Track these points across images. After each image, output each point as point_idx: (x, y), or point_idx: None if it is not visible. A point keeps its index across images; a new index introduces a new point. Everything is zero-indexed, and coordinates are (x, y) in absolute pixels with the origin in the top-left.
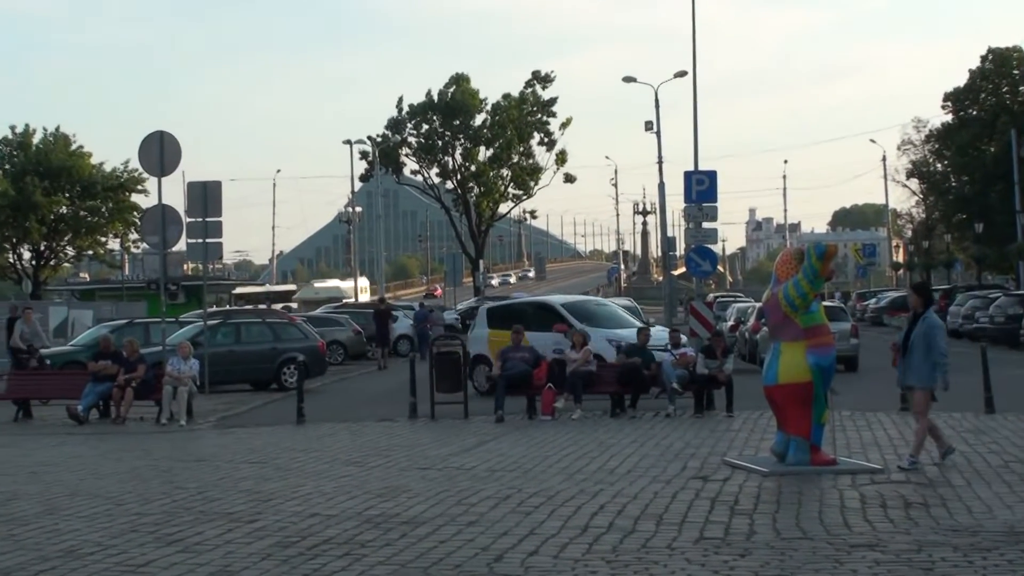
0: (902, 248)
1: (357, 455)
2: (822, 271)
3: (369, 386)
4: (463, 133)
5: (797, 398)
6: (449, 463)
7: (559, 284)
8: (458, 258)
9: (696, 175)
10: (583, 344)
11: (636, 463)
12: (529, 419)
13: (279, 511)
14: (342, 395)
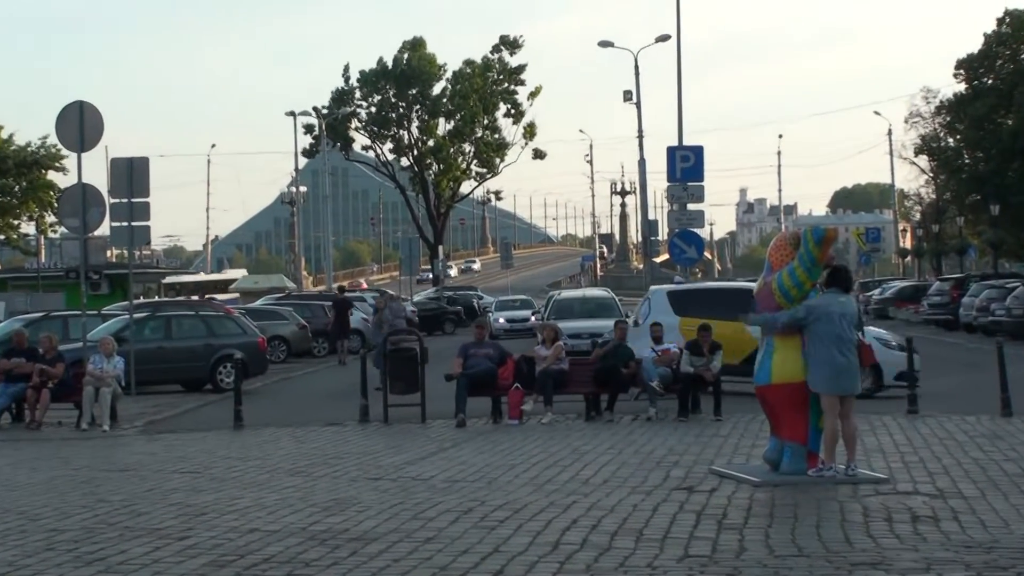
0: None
1: (301, 463)
2: (820, 258)
3: (315, 386)
4: (420, 104)
5: (792, 400)
6: (404, 472)
7: (525, 273)
8: (415, 243)
9: (680, 151)
10: (554, 339)
11: (613, 472)
12: (494, 423)
13: (214, 526)
14: (285, 396)
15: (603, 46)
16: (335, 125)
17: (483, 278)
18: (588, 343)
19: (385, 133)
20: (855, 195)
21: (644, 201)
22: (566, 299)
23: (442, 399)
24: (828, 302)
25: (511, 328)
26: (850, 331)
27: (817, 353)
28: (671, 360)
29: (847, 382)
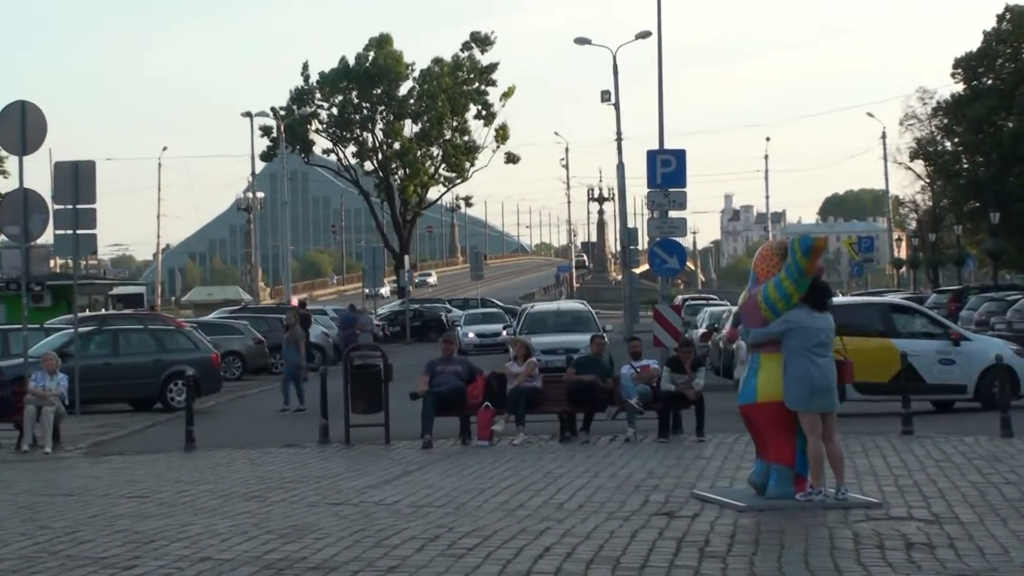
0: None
1: (257, 488)
2: (809, 268)
3: (272, 405)
4: (385, 104)
5: (779, 419)
6: (367, 497)
7: (496, 285)
8: (379, 252)
9: (662, 155)
10: (526, 355)
11: (589, 496)
12: (462, 444)
13: (162, 555)
14: (240, 416)
15: (580, 43)
16: (294, 127)
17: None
18: (563, 359)
19: (348, 135)
20: (847, 202)
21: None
22: (540, 312)
23: (407, 419)
24: (803, 315)
25: (481, 343)
26: (827, 346)
27: (792, 369)
28: (651, 377)
29: (824, 399)
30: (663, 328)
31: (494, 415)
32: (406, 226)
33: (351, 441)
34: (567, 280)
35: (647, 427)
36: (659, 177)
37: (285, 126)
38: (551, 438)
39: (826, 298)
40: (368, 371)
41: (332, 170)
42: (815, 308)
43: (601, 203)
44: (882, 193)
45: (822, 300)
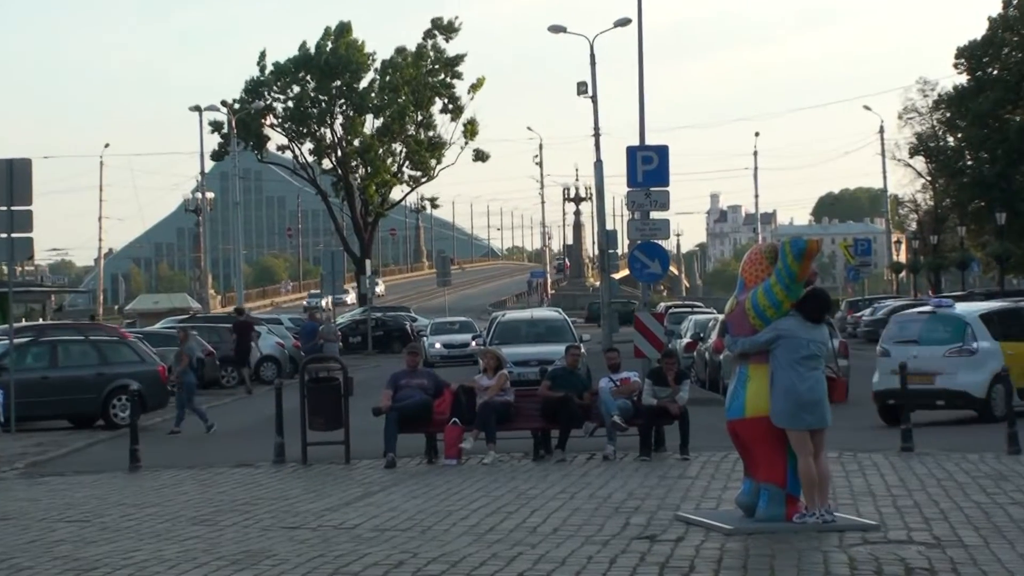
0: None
1: (207, 511)
2: (800, 273)
3: (224, 422)
4: (345, 98)
5: (769, 436)
6: (325, 520)
7: (465, 291)
8: (338, 257)
9: (642, 151)
10: (497, 367)
11: (565, 519)
12: (428, 463)
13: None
14: (189, 433)
15: (554, 31)
16: (247, 121)
17: (417, 297)
18: (537, 371)
19: (304, 131)
20: (842, 202)
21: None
22: (512, 321)
23: (369, 436)
24: (795, 324)
25: (449, 355)
26: (818, 359)
27: (779, 382)
28: (631, 391)
29: (812, 415)
30: (644, 338)
31: (462, 432)
32: (367, 228)
33: (308, 460)
34: (541, 286)
35: (627, 444)
36: (640, 175)
37: (237, 121)
38: (524, 456)
39: (822, 309)
40: (327, 385)
41: (288, 168)
42: (809, 319)
43: (577, 203)
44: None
45: (818, 312)
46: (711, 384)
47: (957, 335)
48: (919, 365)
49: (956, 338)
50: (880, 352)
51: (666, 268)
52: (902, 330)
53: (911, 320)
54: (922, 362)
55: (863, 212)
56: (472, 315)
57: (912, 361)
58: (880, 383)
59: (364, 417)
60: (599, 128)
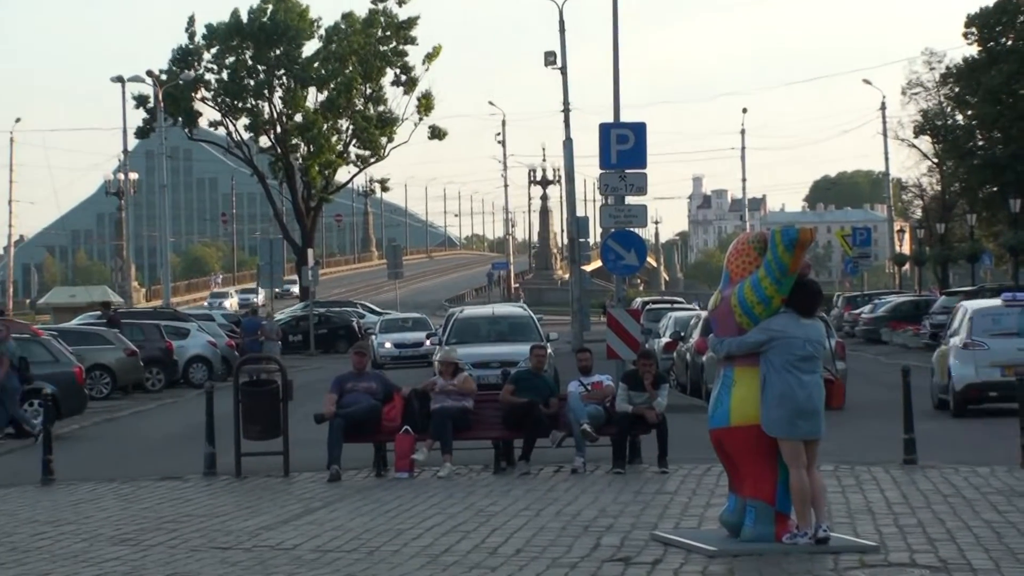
0: (908, 234)
1: (129, 529)
2: (792, 265)
3: (149, 429)
4: (285, 68)
5: (757, 447)
6: (261, 540)
7: (418, 285)
8: (277, 246)
9: (617, 129)
10: (454, 371)
11: (529, 539)
12: (377, 477)
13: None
14: (109, 442)
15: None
16: (176, 94)
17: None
18: (498, 374)
19: (240, 105)
20: (839, 186)
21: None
22: (471, 318)
23: (311, 446)
24: (788, 323)
25: (400, 355)
26: (814, 361)
27: (773, 387)
28: (604, 396)
29: (809, 424)
30: (618, 337)
31: (415, 441)
32: (310, 214)
33: (243, 473)
34: (504, 280)
35: (599, 456)
36: (614, 156)
37: (164, 93)
38: (484, 469)
39: (814, 301)
40: (263, 388)
41: (221, 147)
42: (801, 313)
43: (545, 187)
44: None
45: (809, 304)
46: (692, 389)
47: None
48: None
49: None
50: (965, 344)
51: (643, 259)
52: (996, 323)
53: (1002, 313)
54: None
55: (862, 198)
56: (426, 311)
57: (1017, 354)
58: (973, 376)
59: (305, 425)
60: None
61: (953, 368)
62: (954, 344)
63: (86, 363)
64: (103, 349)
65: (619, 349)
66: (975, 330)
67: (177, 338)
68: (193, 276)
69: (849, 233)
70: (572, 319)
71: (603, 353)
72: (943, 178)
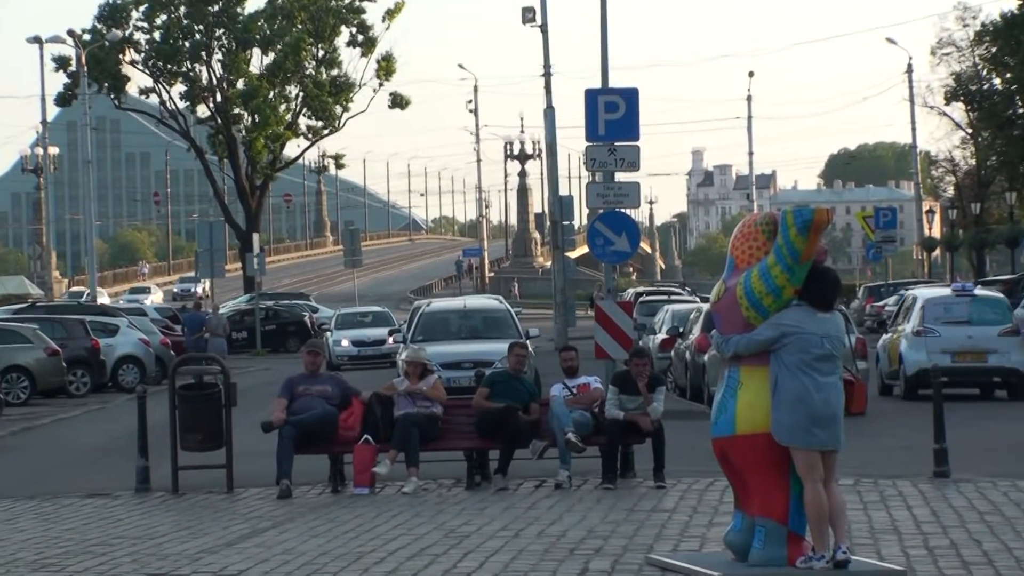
0: (938, 214)
1: (51, 553)
2: (806, 251)
3: (73, 439)
4: (224, 27)
5: (767, 458)
6: (202, 565)
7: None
8: (218, 229)
9: (605, 95)
10: (421, 373)
11: (507, 564)
12: (333, 493)
13: None
14: (28, 454)
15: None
16: (100, 57)
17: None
18: (471, 376)
19: (174, 70)
20: (860, 161)
21: (553, 169)
22: (439, 312)
23: (258, 458)
24: (802, 317)
25: (359, 354)
26: (832, 360)
27: (787, 390)
28: (592, 401)
29: (826, 432)
30: (607, 333)
31: (376, 452)
32: (255, 194)
33: (180, 489)
34: (476, 268)
35: (586, 468)
36: (602, 126)
37: (88, 56)
38: (455, 484)
39: (832, 292)
40: (203, 393)
41: (154, 117)
42: (816, 306)
43: (523, 162)
44: (907, 148)
45: (826, 295)
46: (693, 392)
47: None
48: (973, 344)
49: (1005, 319)
50: (916, 332)
51: (635, 245)
52: (946, 311)
53: (952, 302)
54: (977, 341)
55: (886, 174)
56: (389, 304)
57: (966, 341)
58: (925, 361)
59: (251, 434)
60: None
61: (905, 354)
62: (906, 331)
63: (1, 364)
64: (20, 348)
65: (609, 347)
66: (926, 318)
67: (105, 335)
68: (122, 264)
69: (871, 214)
70: (555, 313)
71: (591, 352)
72: (978, 151)
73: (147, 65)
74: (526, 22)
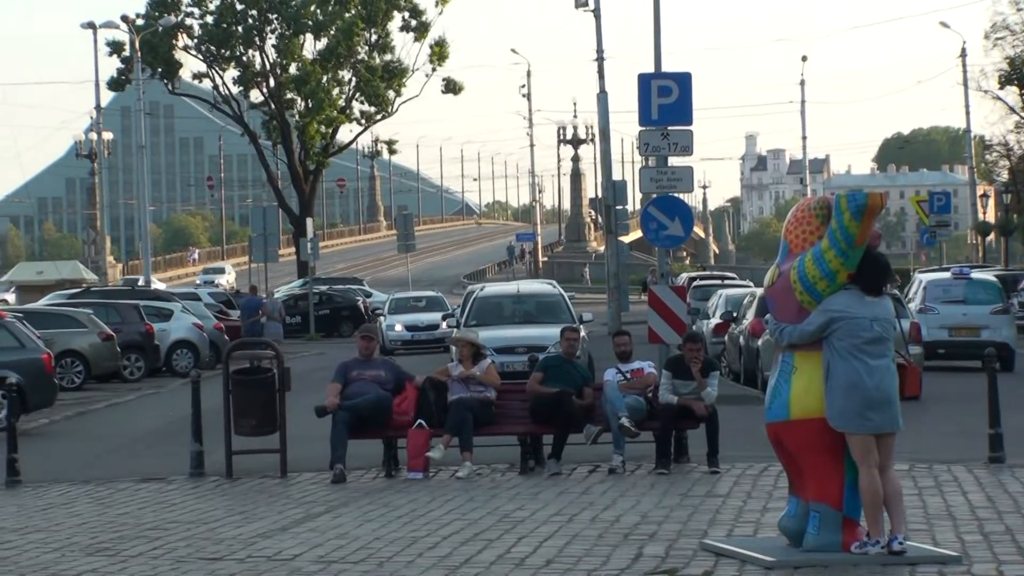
0: (992, 199)
1: (106, 537)
2: (860, 235)
3: (127, 424)
4: (278, 12)
5: (822, 443)
6: (256, 550)
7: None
8: (271, 214)
9: (658, 80)
10: (473, 355)
11: (561, 549)
12: (387, 477)
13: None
14: (83, 439)
15: None
16: (154, 43)
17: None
18: (524, 361)
19: (227, 55)
20: (914, 145)
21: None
22: (493, 297)
23: (312, 443)
24: (851, 301)
25: (412, 339)
26: (884, 343)
27: (839, 374)
28: (645, 386)
29: (881, 416)
30: (661, 317)
31: (430, 437)
32: (308, 179)
33: (234, 473)
34: (529, 253)
35: (640, 453)
36: (655, 111)
37: (142, 41)
38: (508, 469)
39: (882, 276)
40: (257, 378)
41: (207, 102)
42: (868, 291)
43: (576, 147)
44: (961, 133)
45: (877, 280)
46: (747, 377)
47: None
48: (968, 321)
49: (996, 299)
50: (919, 309)
51: (689, 229)
52: (945, 292)
53: (951, 284)
54: (971, 318)
55: (940, 158)
56: (442, 289)
57: (962, 318)
58: (925, 335)
59: (305, 419)
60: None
61: None
62: (909, 309)
63: (56, 349)
64: (75, 333)
65: (662, 332)
66: (928, 298)
67: (159, 320)
68: (176, 248)
69: (925, 199)
70: (608, 298)
71: (644, 336)
72: None
73: (200, 50)
74: (579, 6)
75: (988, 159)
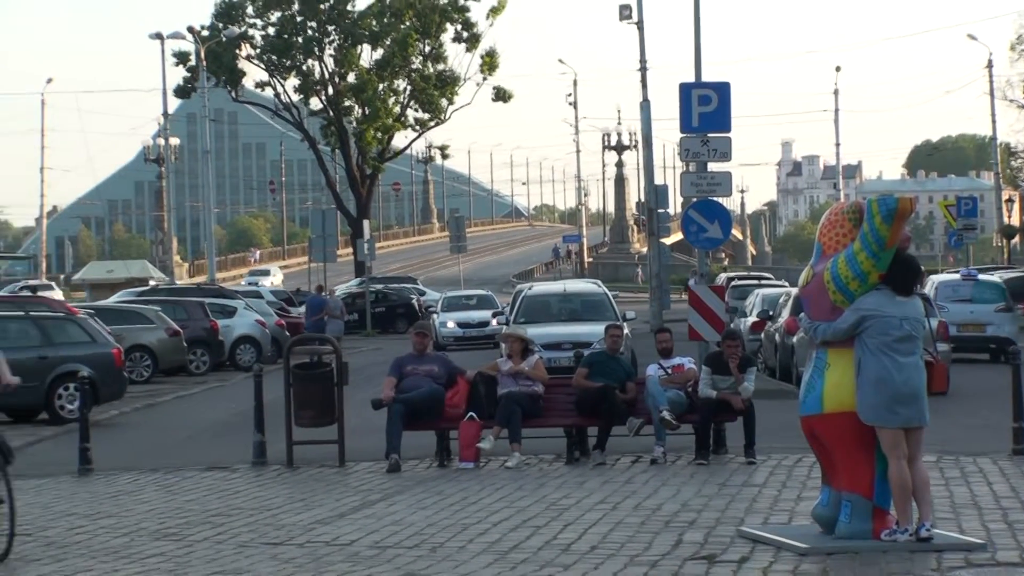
0: (1017, 203)
1: (173, 523)
2: (891, 238)
3: (193, 415)
4: (336, 23)
5: (853, 435)
6: (315, 535)
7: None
8: (330, 217)
9: (699, 89)
10: (522, 351)
11: (604, 535)
12: (439, 467)
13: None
14: (150, 430)
15: None
16: (219, 52)
17: (426, 266)
18: (570, 356)
19: (288, 64)
20: (942, 152)
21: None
22: (540, 295)
23: (368, 434)
24: (881, 301)
25: (464, 335)
26: (913, 341)
27: (869, 370)
28: (685, 380)
29: (909, 410)
30: (701, 316)
31: (481, 429)
32: (365, 183)
33: (295, 463)
34: (576, 254)
35: (680, 445)
36: (696, 118)
37: (207, 51)
38: (555, 459)
39: (912, 277)
40: (316, 372)
41: (269, 110)
42: (898, 291)
43: (620, 153)
44: (988, 140)
45: (907, 281)
46: (782, 372)
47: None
48: (974, 318)
49: (1001, 299)
50: None
51: (727, 231)
52: (955, 292)
53: (960, 284)
54: (977, 316)
55: (967, 164)
56: (492, 288)
57: (969, 315)
58: None
59: (362, 411)
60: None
61: None
62: None
63: (125, 344)
64: (143, 329)
65: (702, 329)
66: (939, 297)
67: (223, 317)
68: (239, 249)
69: (953, 203)
70: (651, 297)
71: (684, 334)
72: None
73: (262, 60)
74: (623, 19)
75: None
